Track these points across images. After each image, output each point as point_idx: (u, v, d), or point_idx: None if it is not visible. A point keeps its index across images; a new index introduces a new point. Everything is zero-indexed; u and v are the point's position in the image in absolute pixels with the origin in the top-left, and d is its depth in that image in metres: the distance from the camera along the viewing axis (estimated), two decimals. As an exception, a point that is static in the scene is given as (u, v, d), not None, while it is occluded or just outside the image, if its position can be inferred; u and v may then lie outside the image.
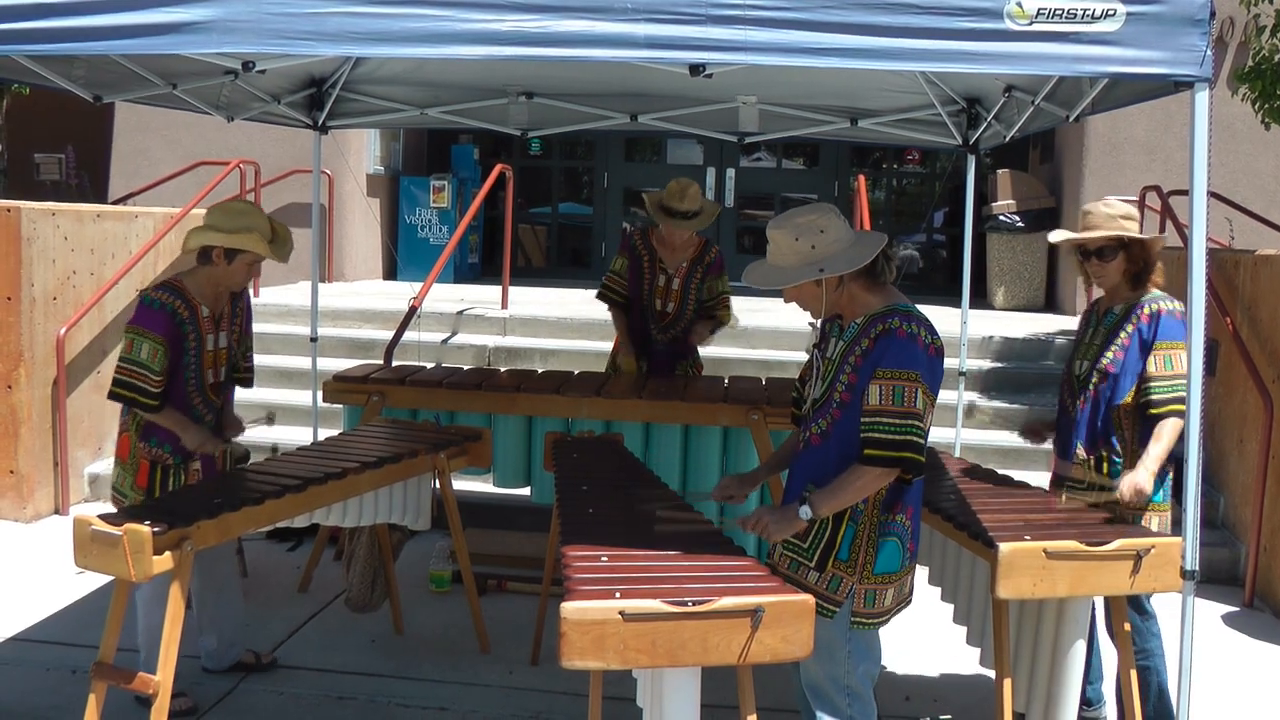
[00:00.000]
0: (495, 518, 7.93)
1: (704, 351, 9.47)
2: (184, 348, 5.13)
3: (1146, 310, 4.75)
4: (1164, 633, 4.94)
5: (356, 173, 13.16)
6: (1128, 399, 4.77)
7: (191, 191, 11.21)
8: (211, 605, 5.51)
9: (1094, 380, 4.85)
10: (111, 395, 5.07)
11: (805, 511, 3.80)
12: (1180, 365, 4.64)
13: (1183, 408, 4.55)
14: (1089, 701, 5.21)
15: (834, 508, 3.81)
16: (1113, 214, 4.84)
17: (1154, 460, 4.64)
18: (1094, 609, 4.88)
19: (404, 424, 6.19)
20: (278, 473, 4.97)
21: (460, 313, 10.59)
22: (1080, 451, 4.89)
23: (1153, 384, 4.67)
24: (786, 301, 4.01)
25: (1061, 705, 4.43)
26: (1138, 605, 4.92)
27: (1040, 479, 5.50)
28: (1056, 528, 4.30)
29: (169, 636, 4.20)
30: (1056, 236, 5.09)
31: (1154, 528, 4.74)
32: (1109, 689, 5.26)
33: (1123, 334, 4.79)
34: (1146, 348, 4.71)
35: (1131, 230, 4.80)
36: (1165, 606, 4.91)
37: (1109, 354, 4.81)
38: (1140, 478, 4.60)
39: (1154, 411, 4.66)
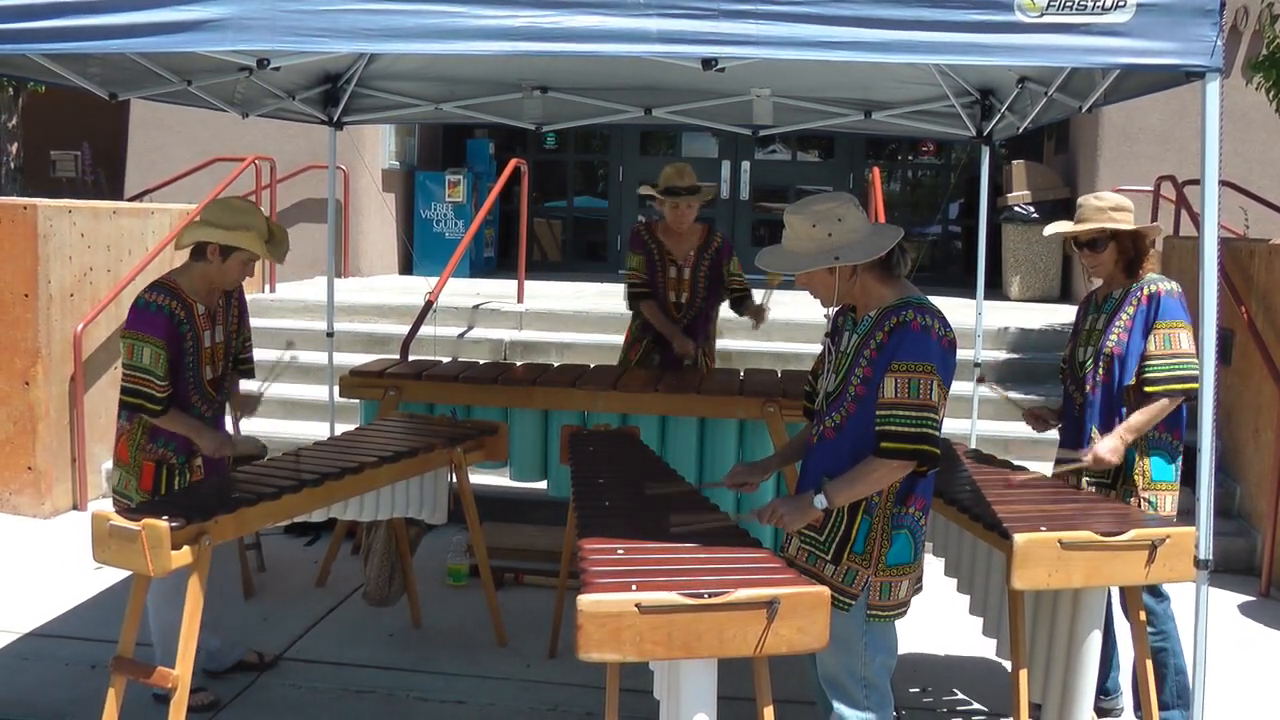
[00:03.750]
0: (512, 511, 7.95)
1: (719, 344, 9.49)
2: (182, 347, 5.06)
3: (1146, 291, 4.83)
4: (1180, 622, 4.94)
5: (372, 168, 13.18)
6: (1134, 380, 4.83)
7: (207, 188, 11.24)
8: (216, 606, 5.46)
9: (1101, 365, 4.90)
10: (122, 404, 5.04)
11: (820, 500, 3.81)
12: (1179, 344, 4.72)
13: (1179, 387, 4.69)
14: (1107, 691, 5.22)
15: (849, 498, 3.82)
16: (1102, 206, 4.94)
17: (1128, 430, 4.77)
18: (1110, 599, 4.90)
19: (420, 418, 6.21)
20: (295, 468, 4.99)
21: (476, 307, 10.61)
22: (1095, 436, 4.89)
23: (1150, 362, 4.76)
24: (798, 286, 4.02)
25: (1078, 695, 4.44)
26: (1152, 588, 4.96)
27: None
28: (1071, 518, 4.31)
29: (188, 630, 4.22)
30: (1050, 230, 5.22)
31: (1167, 508, 4.82)
32: (1124, 679, 5.27)
33: (1124, 316, 4.87)
34: (1148, 328, 4.78)
35: (1120, 221, 4.89)
36: (1181, 596, 4.91)
37: (1113, 337, 4.87)
38: (1105, 446, 4.75)
39: (1150, 390, 4.74)
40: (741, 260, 7.19)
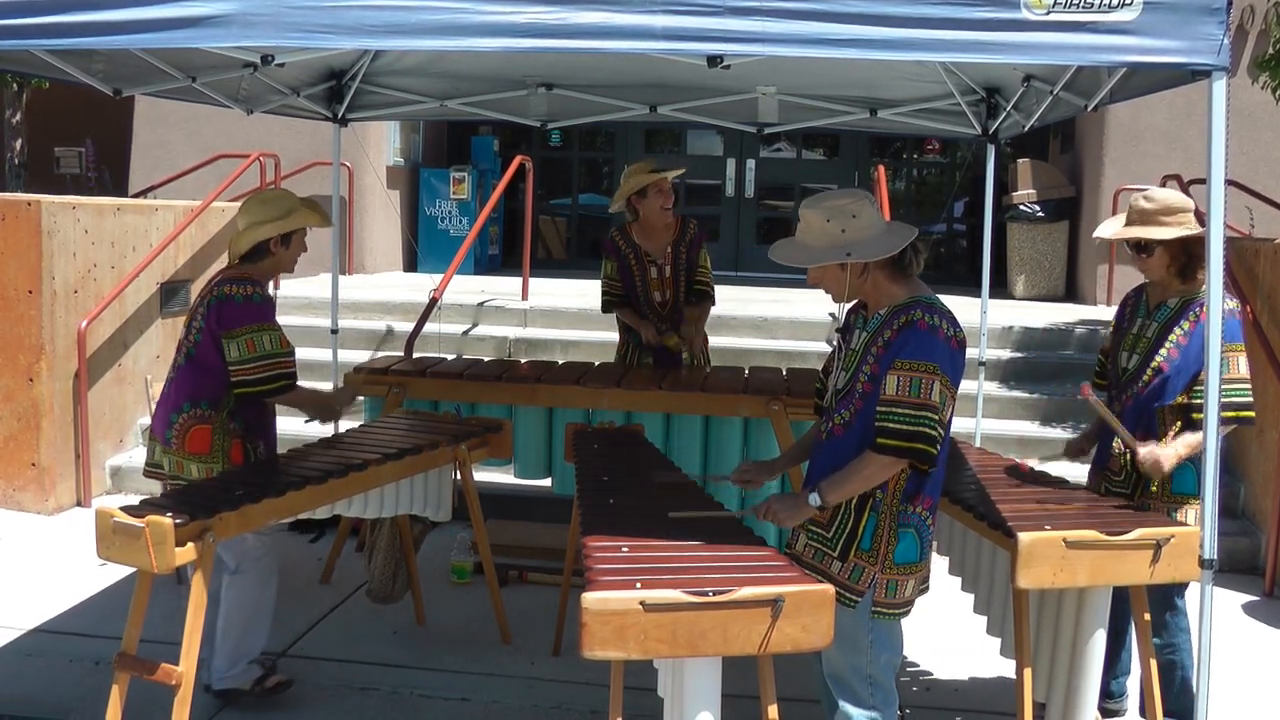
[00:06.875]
0: (516, 509, 7.95)
1: (724, 342, 9.48)
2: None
3: (1206, 308, 4.52)
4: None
5: (376, 165, 13.18)
6: (1178, 399, 4.64)
7: (211, 184, 11.23)
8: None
9: (1145, 377, 4.71)
10: (262, 394, 5.13)
11: (814, 498, 3.82)
12: (1236, 369, 4.49)
13: (1233, 414, 4.47)
14: (1112, 694, 5.19)
15: (842, 495, 3.82)
16: (1149, 209, 4.69)
17: (1185, 445, 4.54)
18: (1126, 605, 4.86)
19: (425, 415, 6.20)
20: (299, 465, 4.99)
21: (481, 304, 10.61)
22: (1116, 445, 4.79)
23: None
24: (810, 281, 4.01)
25: (1081, 695, 4.43)
26: (1169, 603, 4.87)
27: (1060, 469, 5.48)
28: (1076, 517, 4.29)
29: (191, 627, 4.21)
30: (1098, 233, 4.98)
31: (1190, 520, 4.62)
32: (1133, 682, 5.25)
33: (1178, 331, 4.65)
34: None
35: (1171, 226, 4.63)
36: (1185, 596, 4.90)
37: (1164, 351, 4.66)
38: (1163, 453, 4.52)
39: (1199, 416, 4.45)
40: (751, 258, 7.18)
